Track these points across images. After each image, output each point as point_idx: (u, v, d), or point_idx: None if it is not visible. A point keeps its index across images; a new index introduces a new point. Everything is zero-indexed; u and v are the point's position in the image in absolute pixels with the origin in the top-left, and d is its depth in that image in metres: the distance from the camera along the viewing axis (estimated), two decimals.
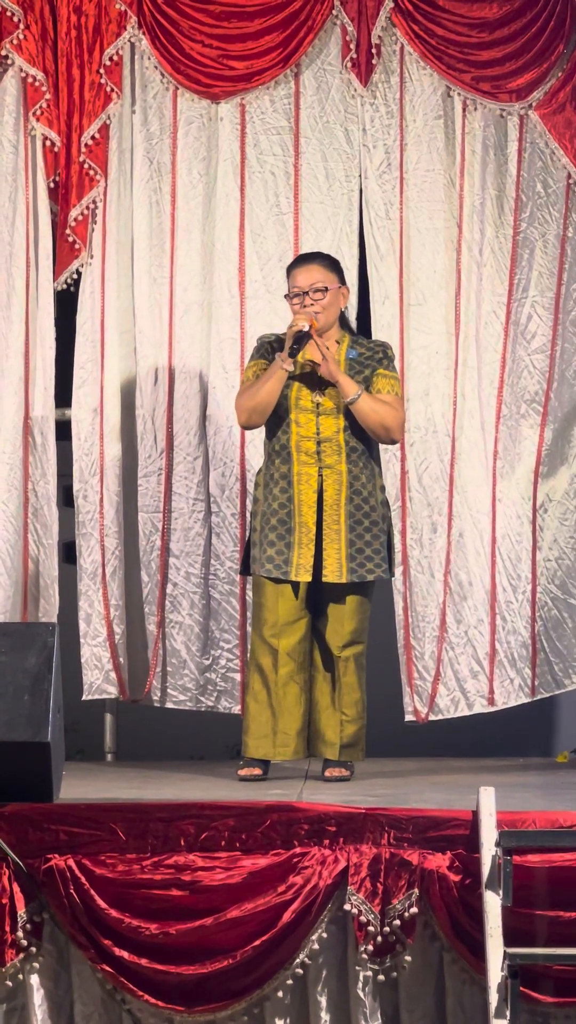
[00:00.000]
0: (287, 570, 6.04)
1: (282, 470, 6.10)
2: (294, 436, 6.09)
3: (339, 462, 6.08)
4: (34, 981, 4.96)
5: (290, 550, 6.05)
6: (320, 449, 6.08)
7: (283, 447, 6.11)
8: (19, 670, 5.06)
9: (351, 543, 6.06)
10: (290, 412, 6.08)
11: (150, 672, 7.05)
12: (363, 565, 6.05)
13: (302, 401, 6.08)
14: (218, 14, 7.06)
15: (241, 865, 4.89)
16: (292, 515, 6.07)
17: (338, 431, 6.07)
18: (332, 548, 6.05)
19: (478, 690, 7.02)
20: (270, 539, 6.08)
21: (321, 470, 6.08)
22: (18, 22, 7.02)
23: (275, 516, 6.09)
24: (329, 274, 6.16)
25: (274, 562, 6.06)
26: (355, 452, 6.10)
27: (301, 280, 6.13)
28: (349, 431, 6.08)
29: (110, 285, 7.07)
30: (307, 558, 6.04)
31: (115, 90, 7.05)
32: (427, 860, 4.84)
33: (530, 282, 7.08)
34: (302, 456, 6.08)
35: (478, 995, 4.80)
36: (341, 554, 6.05)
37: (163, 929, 4.87)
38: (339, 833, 4.90)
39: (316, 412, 6.08)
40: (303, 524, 6.06)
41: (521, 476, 7.08)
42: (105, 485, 7.04)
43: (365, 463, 6.12)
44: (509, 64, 7.02)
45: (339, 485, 6.07)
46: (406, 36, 7.03)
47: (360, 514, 6.08)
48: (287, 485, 6.09)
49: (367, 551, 6.06)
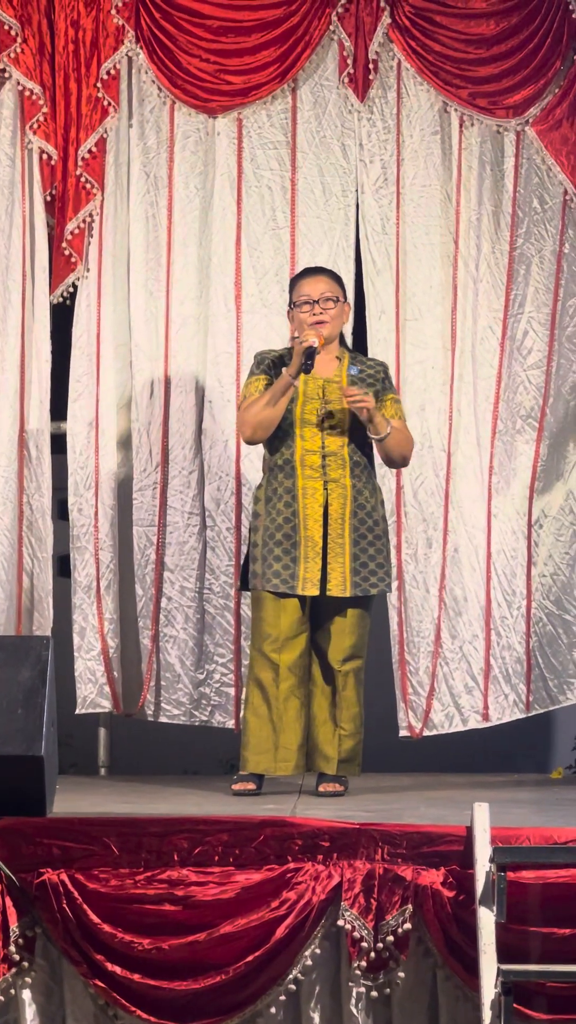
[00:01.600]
0: (294, 584, 6.04)
1: (286, 484, 6.10)
2: (298, 450, 6.09)
3: (344, 476, 6.08)
4: (26, 996, 4.95)
5: (296, 564, 6.04)
6: (325, 463, 6.08)
7: (287, 462, 6.10)
8: (13, 683, 5.05)
9: (355, 557, 6.06)
10: (294, 426, 6.08)
11: (144, 686, 7.04)
12: (367, 579, 6.05)
13: (307, 415, 6.08)
14: (216, 29, 7.07)
15: (234, 880, 4.88)
16: (297, 529, 6.06)
17: (343, 445, 6.08)
18: (337, 562, 6.05)
19: (473, 706, 7.02)
20: (276, 554, 6.07)
21: (326, 484, 6.08)
22: (16, 35, 7.03)
23: (280, 531, 6.08)
24: (337, 287, 6.17)
25: (280, 576, 6.04)
26: (359, 466, 6.10)
27: (310, 289, 6.12)
28: (353, 445, 6.09)
29: (106, 298, 7.08)
30: (314, 572, 6.03)
31: (112, 104, 7.06)
32: (421, 876, 4.83)
33: (526, 298, 7.09)
34: (307, 470, 6.08)
35: (471, 1012, 4.79)
36: (345, 568, 6.05)
37: (156, 944, 4.86)
38: (333, 848, 4.89)
39: (322, 427, 6.08)
40: (309, 538, 6.05)
41: (516, 491, 7.09)
42: (100, 498, 7.04)
43: (368, 477, 6.13)
44: (506, 80, 7.03)
45: (344, 499, 6.07)
46: (403, 52, 7.04)
47: (364, 528, 6.08)
48: (291, 500, 6.08)
49: (371, 565, 6.07)
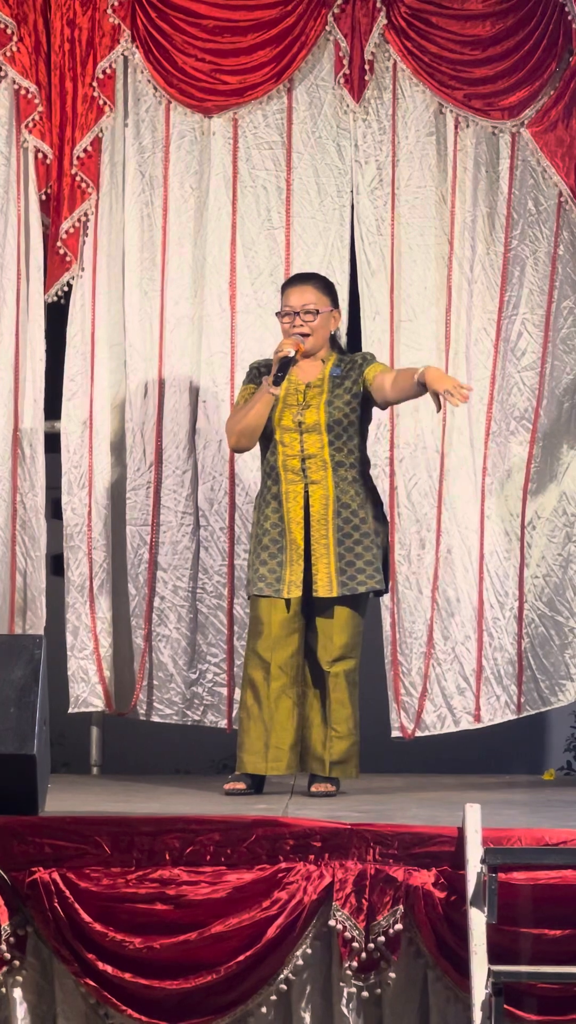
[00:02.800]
0: (279, 588, 6.06)
1: (273, 490, 6.13)
2: (280, 456, 6.12)
3: (325, 478, 6.09)
4: (17, 995, 4.95)
5: (282, 568, 6.06)
6: (305, 466, 6.10)
7: (272, 468, 6.14)
8: (5, 682, 5.05)
9: (340, 556, 6.06)
10: (275, 432, 6.11)
11: (136, 685, 7.04)
12: (354, 578, 6.06)
13: (284, 421, 6.11)
14: (211, 28, 7.07)
15: (226, 880, 4.88)
16: (283, 534, 6.09)
17: (322, 447, 6.09)
18: (321, 563, 6.06)
19: (464, 707, 7.02)
20: (262, 558, 6.10)
21: (307, 487, 6.10)
22: (11, 34, 7.03)
23: (267, 536, 6.11)
24: (322, 297, 6.18)
25: (266, 580, 6.08)
26: (342, 467, 6.11)
27: (294, 300, 6.15)
28: (334, 446, 6.10)
29: (101, 298, 7.08)
30: (297, 574, 6.06)
31: (108, 103, 7.05)
32: (412, 876, 4.84)
33: (520, 299, 7.09)
34: (288, 475, 6.11)
35: (462, 1012, 4.79)
36: (331, 568, 6.06)
37: (147, 943, 4.86)
38: (324, 849, 4.89)
39: (299, 430, 6.10)
40: (293, 541, 6.09)
41: (510, 493, 7.09)
42: (94, 498, 7.04)
43: (354, 477, 6.13)
44: (501, 82, 7.03)
45: (326, 500, 6.08)
46: (399, 53, 7.04)
47: (349, 527, 6.09)
48: (278, 505, 6.11)
49: (358, 563, 6.07)
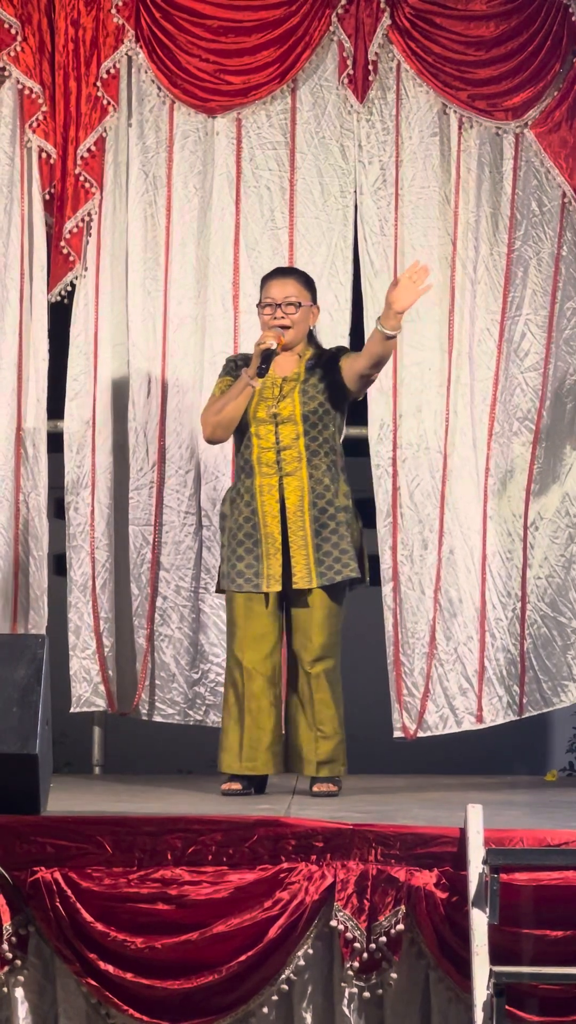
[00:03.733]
0: (258, 582, 6.05)
1: (247, 484, 6.12)
2: (255, 449, 6.11)
3: (299, 469, 6.08)
4: (19, 994, 4.95)
5: (259, 562, 6.06)
6: (280, 458, 6.08)
7: (247, 461, 6.13)
8: (8, 682, 5.05)
9: (317, 547, 6.05)
10: (250, 426, 6.10)
11: (139, 685, 7.04)
12: (332, 567, 6.05)
13: (259, 413, 6.10)
14: (216, 29, 7.07)
15: (228, 880, 4.88)
16: (258, 527, 6.08)
17: (297, 437, 6.08)
18: (300, 555, 6.05)
19: (467, 707, 7.02)
20: (238, 553, 6.09)
21: (282, 479, 6.08)
22: (15, 34, 7.03)
23: (241, 531, 6.10)
24: (304, 291, 6.18)
25: (244, 576, 6.07)
26: (316, 456, 6.10)
27: (275, 292, 6.15)
28: (309, 435, 6.08)
29: (104, 298, 7.08)
30: (275, 568, 6.05)
31: (112, 103, 7.06)
32: (414, 877, 4.84)
33: (524, 300, 7.09)
34: (263, 468, 6.09)
35: (463, 1013, 4.79)
36: (309, 559, 6.04)
37: (149, 943, 4.86)
38: (326, 849, 4.89)
39: (274, 422, 6.09)
40: (269, 535, 6.07)
41: (512, 494, 7.09)
42: (96, 497, 7.04)
43: (328, 467, 6.11)
44: (505, 83, 7.04)
45: (301, 492, 6.07)
46: (403, 53, 7.04)
47: (325, 517, 6.08)
48: (251, 499, 6.10)
49: (335, 552, 6.06)
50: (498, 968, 4.62)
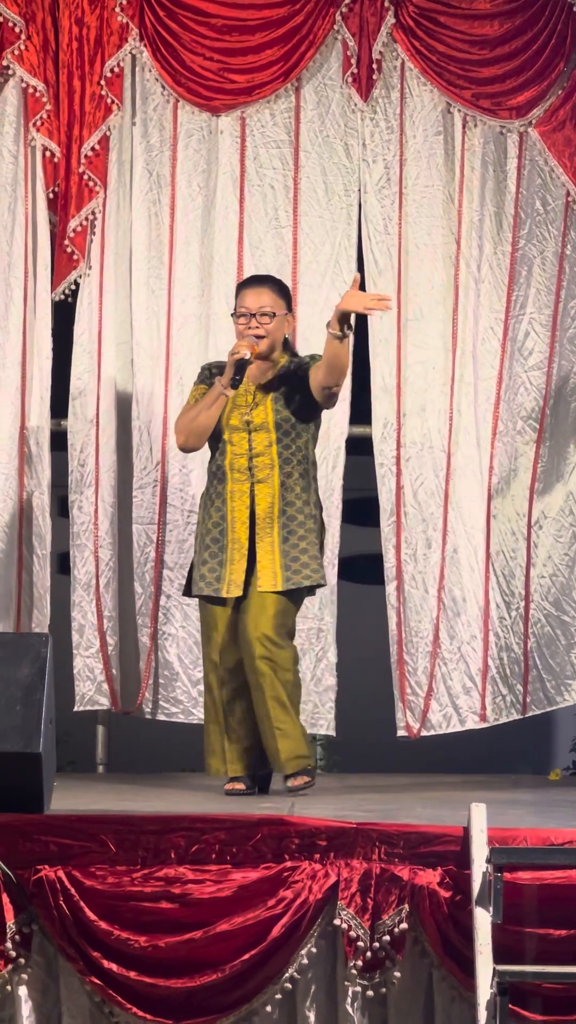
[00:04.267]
0: (219, 587, 6.04)
1: (218, 489, 6.11)
2: (228, 455, 6.09)
3: (271, 476, 6.06)
4: (22, 993, 4.95)
5: (222, 567, 6.05)
6: (252, 465, 6.07)
7: (219, 467, 6.12)
8: (11, 680, 5.05)
9: (285, 553, 6.04)
10: (224, 432, 6.09)
11: (142, 684, 7.04)
12: (298, 572, 6.02)
13: (232, 420, 6.09)
14: (220, 27, 7.07)
15: (231, 879, 4.88)
16: (225, 533, 6.06)
17: (270, 444, 6.07)
18: (267, 559, 6.03)
19: (470, 706, 7.02)
20: (203, 557, 6.09)
21: (253, 486, 6.07)
22: (20, 33, 7.03)
23: (209, 535, 6.10)
24: (278, 300, 6.16)
25: (206, 580, 6.07)
26: (288, 464, 6.08)
27: (250, 302, 6.13)
28: (282, 443, 6.07)
29: (108, 296, 7.08)
30: (239, 574, 6.03)
31: (116, 102, 7.06)
32: (418, 876, 4.83)
33: (528, 299, 7.09)
34: (235, 474, 6.08)
35: (467, 1012, 4.79)
36: (276, 564, 6.02)
37: (152, 942, 4.86)
38: (330, 848, 4.89)
39: (247, 429, 6.08)
40: (236, 540, 6.05)
41: (516, 492, 7.09)
42: (100, 496, 7.04)
43: (300, 475, 6.09)
44: (509, 81, 7.03)
45: (271, 499, 6.06)
46: (407, 52, 7.04)
47: (294, 524, 6.06)
48: (221, 504, 6.09)
49: (303, 558, 6.04)
50: (502, 967, 4.62)
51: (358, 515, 7.82)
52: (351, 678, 7.13)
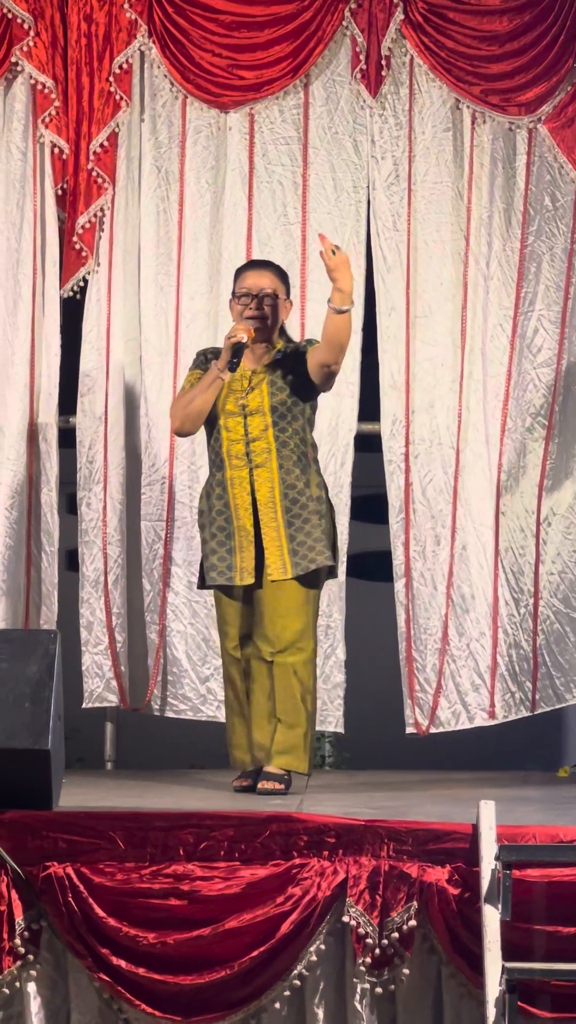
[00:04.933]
0: (231, 575, 6.02)
1: (218, 477, 6.09)
2: (225, 442, 6.07)
3: (269, 460, 6.03)
4: (31, 989, 4.95)
5: (232, 555, 6.03)
6: (250, 450, 6.04)
7: (216, 454, 6.10)
8: (20, 677, 5.05)
9: (291, 538, 6.01)
10: (219, 418, 6.07)
11: (151, 681, 7.04)
12: (305, 556, 5.99)
13: (228, 406, 6.07)
14: (228, 24, 7.07)
15: (240, 875, 4.88)
16: (230, 520, 6.04)
17: (266, 428, 6.04)
18: (273, 547, 6.00)
19: (479, 703, 7.02)
20: (212, 547, 6.07)
21: (252, 471, 6.04)
22: (28, 29, 7.03)
23: (214, 524, 6.07)
24: (279, 284, 6.14)
25: (217, 569, 6.04)
26: (285, 447, 6.05)
27: (251, 283, 6.10)
28: (278, 427, 6.04)
29: (116, 293, 7.08)
30: (248, 561, 6.01)
31: (124, 98, 7.06)
32: (426, 873, 4.83)
33: (537, 296, 7.08)
34: (233, 460, 6.05)
35: (476, 1009, 4.79)
36: (283, 550, 6.00)
37: (161, 938, 4.86)
38: (338, 845, 4.89)
39: (243, 414, 6.06)
40: (241, 527, 6.03)
41: (525, 489, 7.08)
42: (108, 493, 7.04)
43: (298, 458, 6.06)
44: (518, 77, 7.03)
45: (271, 483, 6.03)
46: (416, 48, 7.04)
47: (297, 507, 6.04)
48: (222, 491, 6.07)
49: (308, 541, 6.01)
50: (510, 964, 4.62)
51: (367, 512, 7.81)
52: (360, 675, 7.13)
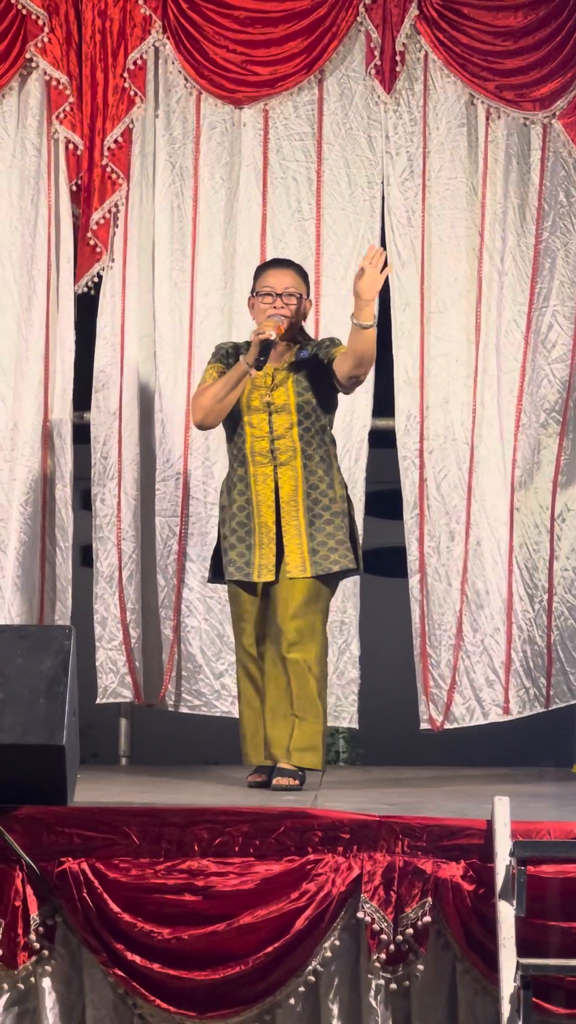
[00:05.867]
0: (249, 571, 6.02)
1: (239, 473, 6.08)
2: (248, 439, 6.06)
3: (293, 458, 6.04)
4: (46, 984, 4.96)
5: (251, 552, 6.02)
6: (274, 447, 6.04)
7: (239, 450, 6.09)
8: (35, 673, 5.06)
9: (311, 537, 6.01)
10: (243, 415, 6.06)
11: (165, 676, 7.05)
12: (327, 558, 6.00)
13: (253, 402, 6.06)
14: (243, 19, 7.07)
15: (254, 871, 4.89)
16: (252, 517, 6.04)
17: (291, 426, 6.04)
18: (294, 544, 6.00)
19: (493, 699, 7.01)
20: (231, 542, 6.06)
21: (276, 469, 6.04)
22: (43, 25, 7.03)
23: (235, 519, 6.07)
24: (301, 283, 6.14)
25: (236, 564, 6.04)
26: (310, 446, 6.05)
27: (274, 281, 6.10)
28: (303, 426, 6.05)
29: (131, 289, 7.08)
30: (268, 558, 6.01)
31: (139, 94, 7.06)
32: (441, 869, 4.83)
33: (551, 291, 7.07)
34: (257, 457, 6.05)
35: (490, 1005, 4.79)
36: (303, 548, 5.99)
37: (175, 934, 4.86)
38: (353, 840, 4.89)
39: (268, 411, 6.06)
40: (263, 524, 6.03)
41: (539, 485, 7.08)
42: (123, 489, 7.05)
43: (322, 457, 6.07)
44: (533, 73, 7.01)
45: (295, 481, 6.03)
46: (430, 44, 7.03)
47: (319, 507, 6.04)
48: (245, 488, 6.07)
49: (330, 542, 6.01)
50: (525, 960, 4.62)
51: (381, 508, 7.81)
52: (374, 671, 7.13)
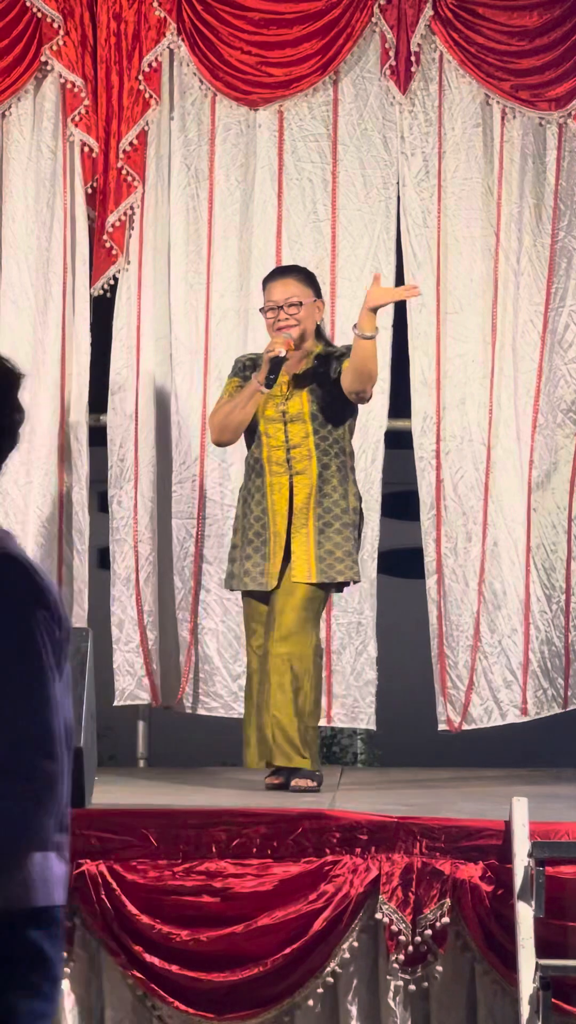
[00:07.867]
0: (263, 581, 6.01)
1: (257, 483, 6.08)
2: (265, 448, 6.06)
3: (309, 467, 6.03)
4: (64, 986, 4.96)
5: (266, 561, 6.03)
6: (290, 456, 6.03)
7: (256, 460, 6.09)
8: None
9: (319, 545, 5.99)
10: (259, 425, 6.06)
11: (182, 678, 7.04)
12: (332, 567, 5.98)
13: (268, 411, 6.06)
14: (257, 21, 7.06)
15: (272, 873, 4.88)
16: (267, 527, 6.04)
17: (307, 436, 6.03)
18: (301, 550, 5.98)
19: (511, 700, 7.00)
20: (247, 552, 6.05)
21: (292, 478, 6.03)
22: (58, 28, 7.03)
23: (251, 529, 6.07)
24: (305, 288, 6.12)
25: (251, 575, 6.04)
26: (327, 455, 6.04)
27: (276, 294, 6.09)
28: (319, 435, 6.04)
29: (146, 291, 7.08)
30: (276, 565, 6.00)
31: (154, 96, 7.06)
32: (459, 870, 4.83)
33: (568, 291, 7.06)
34: (273, 467, 6.05)
35: (509, 1006, 4.78)
36: (310, 555, 5.97)
37: (194, 936, 4.86)
38: (371, 841, 4.88)
39: (283, 420, 6.05)
40: (276, 533, 6.02)
41: (557, 486, 7.06)
42: (139, 491, 7.05)
43: (338, 467, 6.06)
44: (549, 72, 7.00)
45: (309, 489, 6.02)
46: (445, 44, 7.02)
47: (330, 516, 6.02)
48: (261, 497, 6.06)
49: (337, 552, 5.99)
50: (544, 961, 4.61)
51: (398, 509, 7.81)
52: (392, 672, 7.12)
